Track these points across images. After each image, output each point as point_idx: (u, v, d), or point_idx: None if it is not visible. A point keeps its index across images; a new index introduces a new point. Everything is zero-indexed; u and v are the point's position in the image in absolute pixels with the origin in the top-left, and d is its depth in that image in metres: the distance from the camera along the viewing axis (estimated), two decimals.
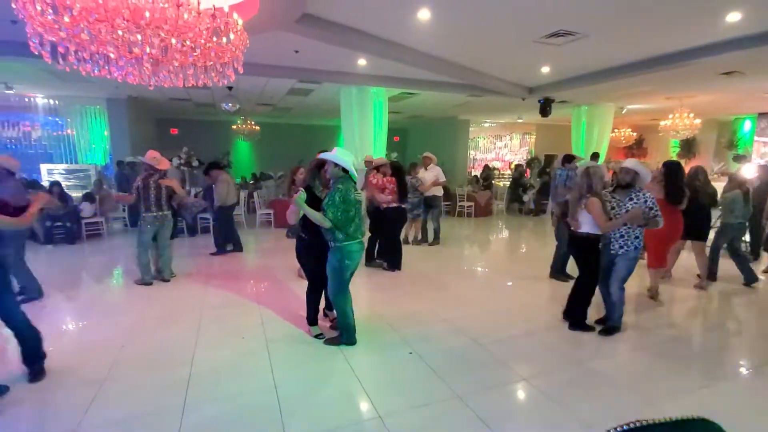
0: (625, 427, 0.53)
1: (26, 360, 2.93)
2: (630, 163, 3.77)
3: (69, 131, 11.27)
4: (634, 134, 14.47)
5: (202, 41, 3.22)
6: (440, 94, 9.67)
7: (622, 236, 3.67)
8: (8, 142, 11.08)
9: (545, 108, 9.62)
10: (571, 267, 5.39)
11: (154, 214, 4.92)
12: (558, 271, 5.36)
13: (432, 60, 6.86)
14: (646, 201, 3.60)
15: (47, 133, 11.40)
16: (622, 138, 13.85)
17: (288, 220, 3.59)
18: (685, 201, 4.56)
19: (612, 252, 3.72)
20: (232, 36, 3.32)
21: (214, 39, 3.27)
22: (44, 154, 11.25)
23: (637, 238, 3.66)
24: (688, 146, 14.38)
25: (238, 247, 7.06)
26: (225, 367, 3.12)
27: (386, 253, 5.92)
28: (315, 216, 3.19)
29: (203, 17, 3.06)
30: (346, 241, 3.24)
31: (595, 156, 9.34)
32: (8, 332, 2.88)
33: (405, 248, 6.24)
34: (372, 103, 8.88)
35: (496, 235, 9.46)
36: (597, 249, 3.70)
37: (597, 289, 3.80)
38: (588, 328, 3.81)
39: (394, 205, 5.74)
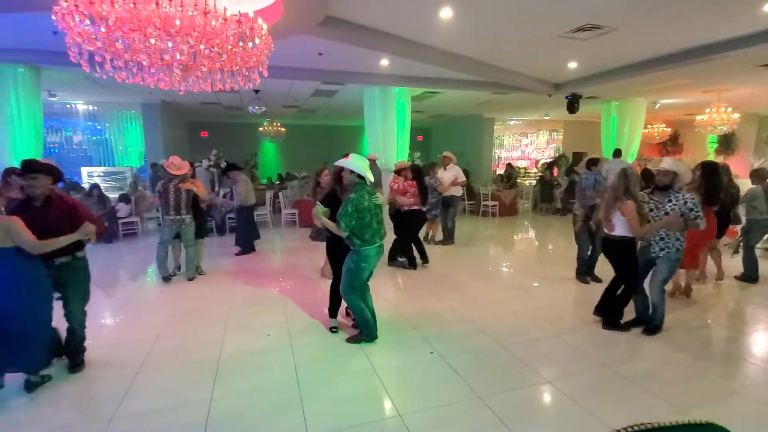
0: (630, 429, 0.53)
1: (70, 351, 3.12)
2: (668, 163, 3.63)
3: (107, 135, 11.83)
4: (669, 130, 13.87)
5: (229, 47, 3.34)
6: (464, 93, 9.57)
7: (662, 238, 3.57)
8: (52, 147, 11.72)
9: (573, 104, 9.36)
10: (598, 270, 5.25)
11: (172, 217, 5.12)
12: (582, 273, 5.25)
13: (455, 58, 6.81)
14: (686, 202, 3.47)
15: (87, 137, 12.00)
16: (656, 134, 13.31)
17: (315, 222, 3.71)
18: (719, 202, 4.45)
19: (652, 254, 3.62)
20: (257, 41, 3.42)
21: (240, 44, 3.38)
22: (84, 158, 11.85)
23: (678, 239, 3.55)
24: (727, 142, 13.64)
25: (250, 248, 7.05)
26: (250, 363, 3.21)
27: (405, 253, 5.97)
28: (332, 227, 3.36)
29: (229, 23, 3.17)
30: (363, 246, 3.33)
31: (617, 153, 9.00)
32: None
33: (426, 248, 6.23)
34: (395, 103, 8.89)
35: (521, 234, 9.29)
36: (633, 252, 3.60)
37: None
38: (623, 328, 3.72)
39: (416, 207, 5.80)
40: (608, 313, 3.80)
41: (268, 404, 2.67)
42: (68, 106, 10.80)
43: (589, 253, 5.18)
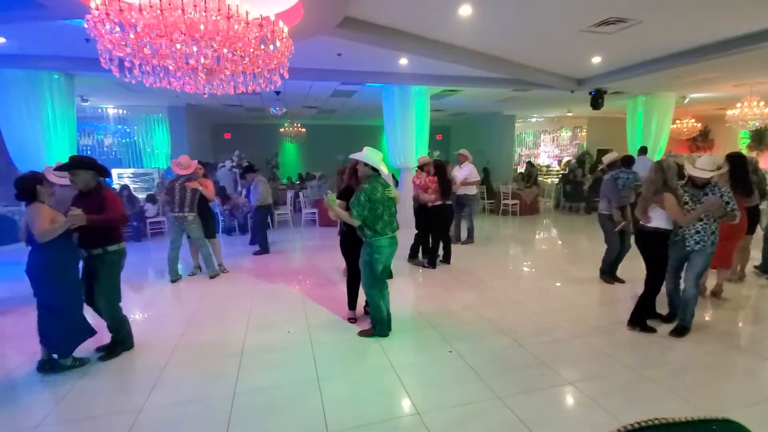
0: (637, 425, 0.53)
1: (110, 343, 3.34)
2: (703, 162, 3.56)
3: (135, 138, 12.26)
4: (698, 125, 13.35)
5: (251, 50, 3.42)
6: (483, 90, 9.47)
7: (698, 232, 3.51)
8: (84, 149, 12.24)
9: (597, 100, 9.13)
10: (621, 270, 5.12)
11: (175, 214, 5.29)
12: (607, 274, 5.13)
13: (474, 56, 6.75)
14: (722, 195, 3.45)
15: (117, 140, 12.48)
16: (684, 129, 12.83)
17: (330, 215, 3.80)
18: (757, 195, 4.30)
19: (687, 248, 3.56)
20: (278, 43, 3.49)
21: (262, 47, 3.45)
22: (114, 160, 12.33)
23: (713, 233, 3.50)
24: (759, 137, 13.04)
25: (267, 248, 7.12)
26: (271, 359, 3.29)
27: (428, 251, 5.97)
28: (343, 215, 3.43)
29: (251, 27, 3.24)
30: (374, 237, 3.40)
31: (643, 150, 8.71)
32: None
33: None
34: (414, 101, 8.87)
35: (543, 234, 9.13)
36: (666, 245, 3.58)
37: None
38: (647, 329, 3.65)
39: (439, 203, 5.80)
40: (633, 312, 3.72)
41: (289, 399, 2.73)
42: (99, 110, 11.24)
43: (616, 254, 5.06)
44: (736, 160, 4.32)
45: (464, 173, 7.16)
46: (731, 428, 0.52)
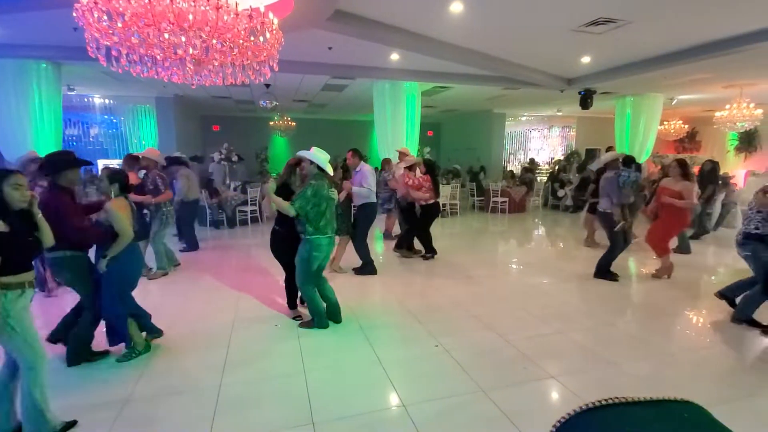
0: (603, 402, 0.56)
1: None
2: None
3: (122, 129, 12.06)
4: (686, 127, 13.58)
5: (240, 41, 3.39)
6: (474, 88, 9.51)
7: None
8: (70, 139, 12.00)
9: (586, 100, 9.24)
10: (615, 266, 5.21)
11: None
12: (604, 271, 5.17)
13: (465, 53, 6.77)
14: None
15: (103, 130, 12.26)
16: (672, 131, 13.04)
17: (263, 210, 3.80)
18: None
19: None
20: (268, 35, 3.46)
21: (252, 38, 3.42)
22: (101, 150, 12.11)
23: None
24: (749, 139, 13.31)
25: (195, 245, 6.68)
26: (259, 352, 3.29)
27: (424, 244, 6.14)
28: (281, 204, 3.43)
29: (241, 18, 3.22)
30: (315, 234, 3.45)
31: (630, 160, 8.50)
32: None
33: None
34: (405, 97, 8.87)
35: (531, 232, 9.23)
36: None
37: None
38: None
39: (432, 201, 5.91)
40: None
41: (276, 391, 2.74)
42: (86, 99, 11.02)
43: (619, 252, 5.12)
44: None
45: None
46: (691, 409, 0.55)
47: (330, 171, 3.57)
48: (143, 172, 5.41)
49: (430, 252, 6.12)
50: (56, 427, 2.25)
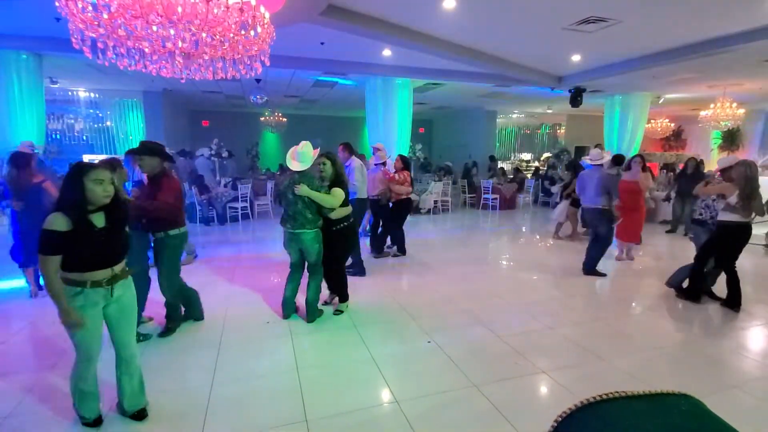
0: (602, 397, 0.56)
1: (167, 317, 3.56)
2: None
3: (108, 123, 11.83)
4: (672, 125, 13.82)
5: (231, 35, 3.34)
6: (466, 85, 9.54)
7: None
8: (54, 134, 11.73)
9: (576, 98, 9.34)
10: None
11: None
12: (593, 267, 5.25)
13: (458, 49, 6.78)
14: None
15: (89, 125, 12.01)
16: (659, 129, 13.26)
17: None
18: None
19: None
20: (259, 29, 3.42)
21: (242, 32, 3.37)
22: (86, 145, 11.87)
23: None
24: (731, 138, 13.60)
25: None
26: (250, 350, 3.26)
27: (397, 240, 6.11)
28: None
29: (232, 11, 3.17)
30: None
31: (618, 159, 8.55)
32: None
33: (412, 241, 6.42)
34: (397, 94, 8.86)
35: (520, 228, 9.31)
36: None
37: None
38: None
39: (412, 196, 6.01)
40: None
41: (268, 389, 2.72)
42: (70, 93, 10.79)
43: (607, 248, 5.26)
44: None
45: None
46: (688, 403, 0.56)
47: (293, 166, 3.56)
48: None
49: (402, 251, 6.05)
50: (86, 419, 2.31)
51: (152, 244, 3.41)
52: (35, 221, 4.21)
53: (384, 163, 6.01)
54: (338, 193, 3.61)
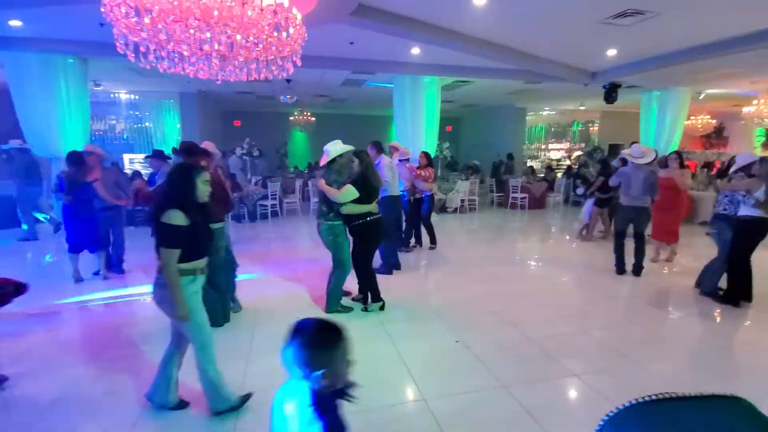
0: (647, 398, 0.55)
1: None
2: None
3: (147, 124, 12.35)
4: (713, 122, 13.12)
5: (265, 36, 3.42)
6: (495, 82, 9.39)
7: None
8: (97, 134, 12.35)
9: (611, 94, 9.02)
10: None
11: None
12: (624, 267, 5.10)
13: (487, 46, 6.68)
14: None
15: (129, 125, 12.57)
16: (699, 126, 12.62)
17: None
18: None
19: None
20: (291, 30, 3.49)
21: (276, 34, 3.46)
22: (126, 145, 12.43)
23: None
24: None
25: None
26: (279, 345, 3.33)
27: (415, 234, 6.39)
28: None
29: (266, 13, 3.25)
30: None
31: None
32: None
33: (439, 240, 6.49)
34: (425, 92, 8.82)
35: (549, 228, 9.09)
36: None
37: None
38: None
39: (437, 194, 6.24)
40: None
41: None
42: (111, 95, 11.32)
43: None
44: None
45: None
46: (741, 406, 0.54)
47: (321, 161, 3.81)
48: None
49: (425, 244, 6.36)
50: (235, 401, 2.43)
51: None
52: (79, 214, 4.52)
53: (408, 159, 6.06)
54: (348, 190, 3.65)
